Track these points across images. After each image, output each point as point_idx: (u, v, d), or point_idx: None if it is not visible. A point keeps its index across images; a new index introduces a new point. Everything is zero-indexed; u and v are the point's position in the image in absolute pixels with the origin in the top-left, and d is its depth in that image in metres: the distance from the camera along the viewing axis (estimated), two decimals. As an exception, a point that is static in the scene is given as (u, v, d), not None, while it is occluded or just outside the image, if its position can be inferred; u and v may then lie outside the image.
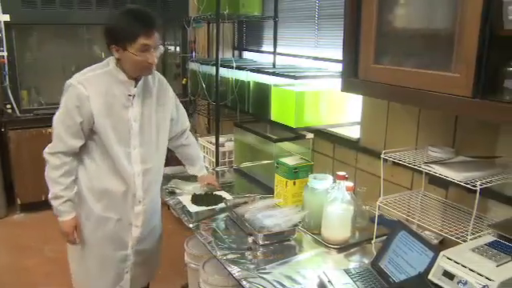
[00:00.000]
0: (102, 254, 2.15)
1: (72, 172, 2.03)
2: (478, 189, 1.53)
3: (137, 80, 2.01)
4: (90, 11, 4.32)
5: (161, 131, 2.16)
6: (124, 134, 2.02)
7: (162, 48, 1.98)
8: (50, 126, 2.04)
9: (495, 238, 1.49)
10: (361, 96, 2.44)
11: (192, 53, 4.18)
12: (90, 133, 2.00)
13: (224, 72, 3.39)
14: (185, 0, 4.57)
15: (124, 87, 1.99)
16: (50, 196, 2.03)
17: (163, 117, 2.16)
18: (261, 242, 1.97)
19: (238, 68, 3.24)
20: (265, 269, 1.79)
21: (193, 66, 3.93)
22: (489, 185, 1.58)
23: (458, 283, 1.30)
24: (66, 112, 1.95)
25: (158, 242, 2.37)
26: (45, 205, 2.23)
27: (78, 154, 2.04)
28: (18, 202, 4.32)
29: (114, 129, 2.00)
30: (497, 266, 1.31)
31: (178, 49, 4.92)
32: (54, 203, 2.03)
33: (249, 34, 4.20)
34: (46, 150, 2.01)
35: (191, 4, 4.43)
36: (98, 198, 2.08)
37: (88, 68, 2.01)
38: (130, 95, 2.01)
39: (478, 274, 1.27)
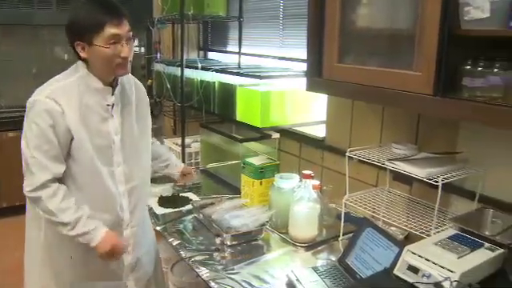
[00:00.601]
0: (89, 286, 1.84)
1: (69, 194, 1.69)
2: (440, 184, 1.56)
3: (113, 87, 1.76)
4: (51, 11, 4.22)
5: (144, 140, 1.91)
6: (105, 150, 1.74)
7: (135, 41, 1.74)
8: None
9: (456, 232, 1.53)
10: (326, 95, 2.47)
11: (157, 54, 4.13)
12: (66, 157, 1.69)
13: (189, 73, 3.36)
14: (149, 0, 4.52)
15: (100, 96, 1.71)
16: (66, 230, 1.66)
17: (145, 125, 1.92)
18: (228, 243, 1.97)
19: (204, 69, 3.23)
20: (233, 269, 1.79)
21: (158, 67, 3.88)
22: (450, 180, 1.62)
23: (422, 276, 1.32)
24: (39, 135, 1.62)
25: (158, 264, 2.15)
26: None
27: None
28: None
29: (94, 146, 1.70)
30: (458, 258, 1.35)
31: (142, 50, 4.88)
32: (75, 232, 1.65)
33: (214, 35, 4.19)
34: (28, 188, 1.64)
35: (155, 4, 4.38)
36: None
37: (52, 79, 1.71)
38: (108, 105, 1.73)
39: (441, 266, 1.30)
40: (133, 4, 4.57)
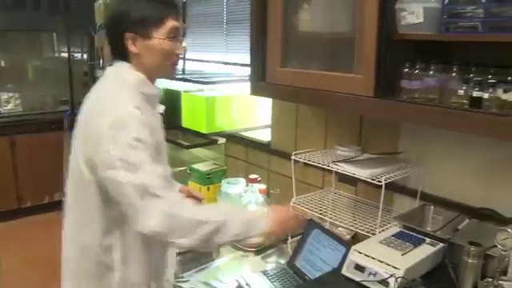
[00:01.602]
0: None
1: None
2: (383, 184, 1.60)
3: None
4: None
5: None
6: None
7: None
8: None
9: (400, 229, 1.58)
10: (270, 99, 2.49)
11: (99, 60, 4.03)
12: None
13: (133, 79, 3.31)
14: (90, 6, 4.41)
15: (153, 105, 1.46)
16: (226, 232, 1.34)
17: None
18: (177, 251, 1.94)
19: (148, 75, 3.18)
20: (183, 277, 1.77)
21: (101, 73, 3.79)
22: (393, 179, 1.66)
23: (368, 275, 1.35)
24: (150, 153, 1.32)
25: None
26: None
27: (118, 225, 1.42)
28: None
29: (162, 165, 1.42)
30: (402, 255, 1.39)
31: (85, 56, 4.74)
32: (239, 228, 1.36)
33: (157, 41, 4.14)
34: (168, 206, 1.30)
35: (97, 10, 4.28)
36: (140, 261, 1.49)
37: (110, 88, 1.43)
38: (161, 114, 1.50)
39: (386, 264, 1.33)
40: (74, 10, 4.47)
